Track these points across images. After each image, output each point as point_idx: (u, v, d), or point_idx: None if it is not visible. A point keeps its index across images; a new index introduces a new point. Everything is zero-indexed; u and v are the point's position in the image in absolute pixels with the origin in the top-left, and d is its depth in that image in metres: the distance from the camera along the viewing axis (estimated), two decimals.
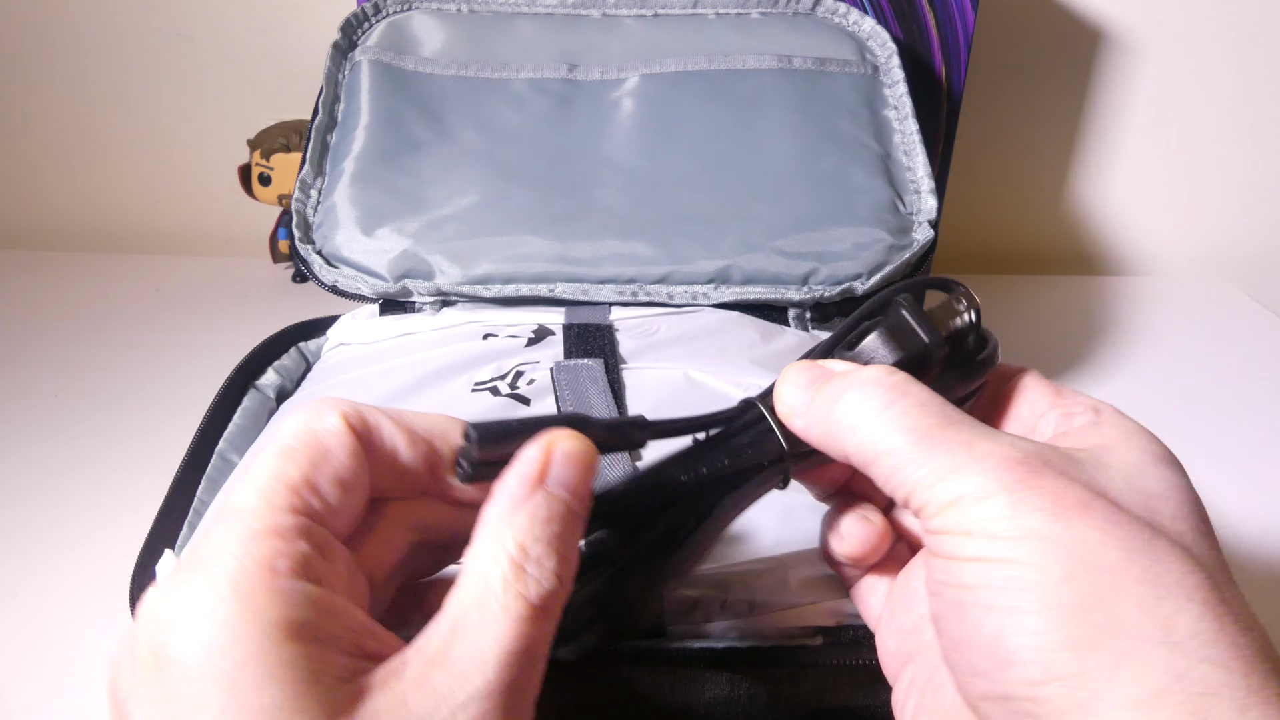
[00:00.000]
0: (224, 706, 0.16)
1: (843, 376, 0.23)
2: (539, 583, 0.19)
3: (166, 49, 0.80)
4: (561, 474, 0.20)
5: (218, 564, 0.17)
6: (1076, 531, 0.19)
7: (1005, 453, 0.20)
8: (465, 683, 0.17)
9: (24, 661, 0.42)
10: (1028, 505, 0.19)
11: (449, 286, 0.47)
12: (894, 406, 0.22)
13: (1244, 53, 0.80)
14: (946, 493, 0.20)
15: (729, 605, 0.29)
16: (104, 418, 0.59)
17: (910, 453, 0.21)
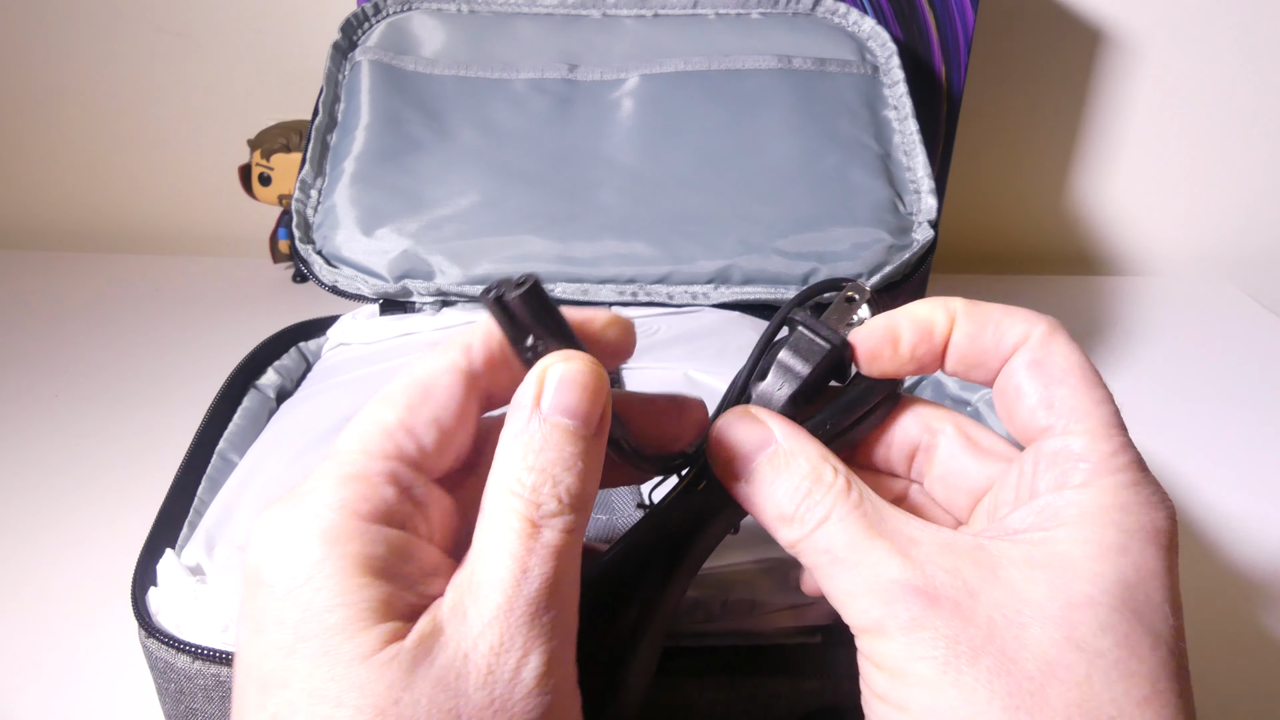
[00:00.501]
0: (298, 621, 0.18)
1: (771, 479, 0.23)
2: (539, 506, 0.19)
3: (166, 49, 0.80)
4: (559, 400, 0.20)
5: (310, 500, 0.20)
6: (962, 689, 0.19)
7: (910, 581, 0.20)
8: (488, 603, 0.19)
9: (25, 661, 0.42)
10: (922, 650, 0.20)
11: (449, 286, 0.47)
12: (814, 529, 0.22)
13: (1244, 53, 0.80)
14: (861, 616, 0.21)
15: (730, 605, 0.29)
16: (104, 418, 0.59)
17: (831, 571, 0.21)
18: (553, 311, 0.21)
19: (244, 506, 0.34)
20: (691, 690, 0.29)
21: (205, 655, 0.29)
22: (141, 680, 0.33)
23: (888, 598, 0.20)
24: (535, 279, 0.21)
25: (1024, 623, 0.19)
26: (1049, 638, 0.19)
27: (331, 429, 0.38)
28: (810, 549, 0.22)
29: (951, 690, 0.19)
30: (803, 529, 0.22)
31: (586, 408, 0.20)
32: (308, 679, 0.18)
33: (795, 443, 0.23)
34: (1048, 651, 0.19)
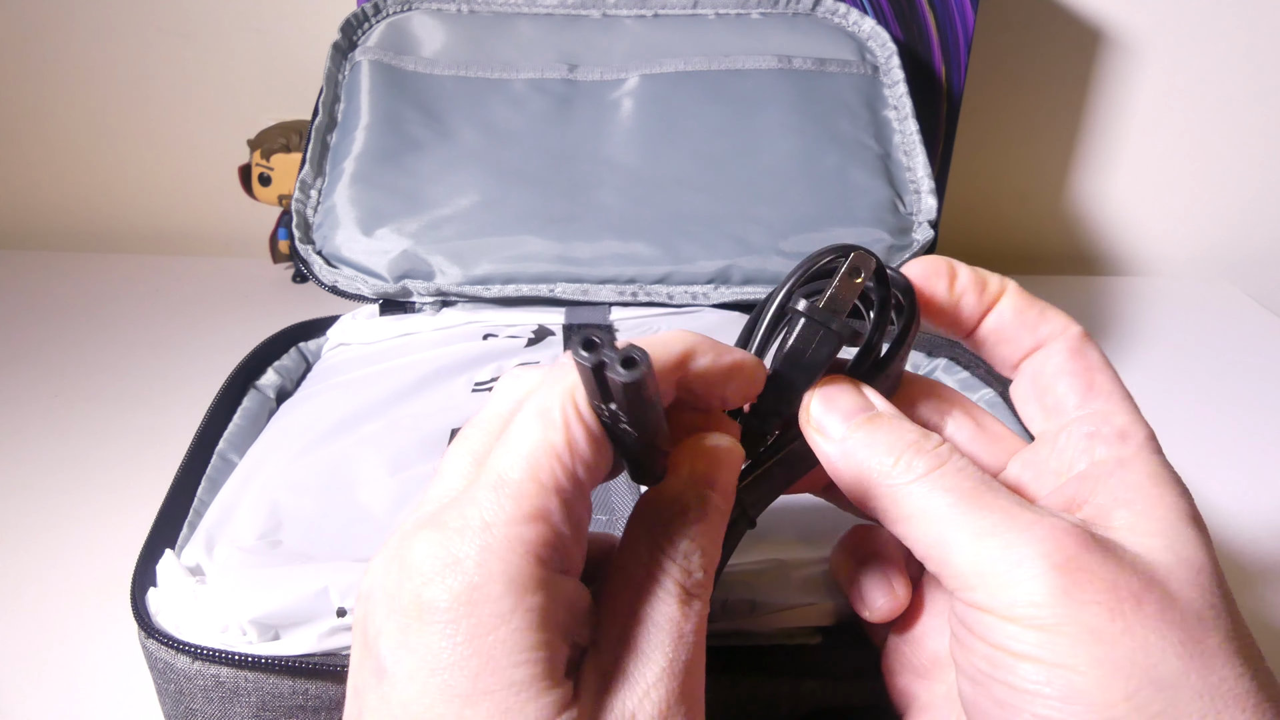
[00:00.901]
0: (479, 672, 0.18)
1: (886, 429, 0.22)
2: (697, 571, 0.20)
3: (166, 49, 0.80)
4: (708, 472, 0.21)
5: (488, 537, 0.18)
6: (1136, 636, 0.18)
7: (1050, 522, 0.20)
8: (651, 666, 0.19)
9: (25, 661, 0.42)
10: (1081, 595, 0.19)
11: (449, 286, 0.47)
12: (933, 474, 0.21)
13: (1244, 53, 0.80)
14: (990, 566, 0.19)
15: (730, 605, 0.29)
16: (104, 418, 0.59)
17: (949, 514, 0.20)
18: (646, 408, 0.19)
19: (244, 507, 0.34)
20: None
21: (205, 655, 0.29)
22: (141, 680, 0.33)
23: (1032, 537, 0.19)
24: (640, 374, 0.17)
25: (1164, 579, 0.19)
26: (1190, 593, 0.19)
27: (332, 429, 0.38)
28: (923, 490, 0.21)
29: (1126, 639, 0.18)
30: (917, 469, 0.21)
31: (728, 482, 0.22)
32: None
33: (893, 409, 0.23)
34: (1194, 603, 0.19)
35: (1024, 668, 0.19)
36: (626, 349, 0.18)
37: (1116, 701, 0.18)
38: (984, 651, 0.20)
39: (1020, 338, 0.24)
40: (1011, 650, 0.19)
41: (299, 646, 0.28)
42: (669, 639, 0.19)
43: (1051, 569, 0.19)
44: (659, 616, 0.20)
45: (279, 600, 0.28)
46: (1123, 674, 0.18)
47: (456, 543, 0.18)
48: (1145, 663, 0.18)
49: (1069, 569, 0.19)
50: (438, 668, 0.18)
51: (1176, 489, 0.22)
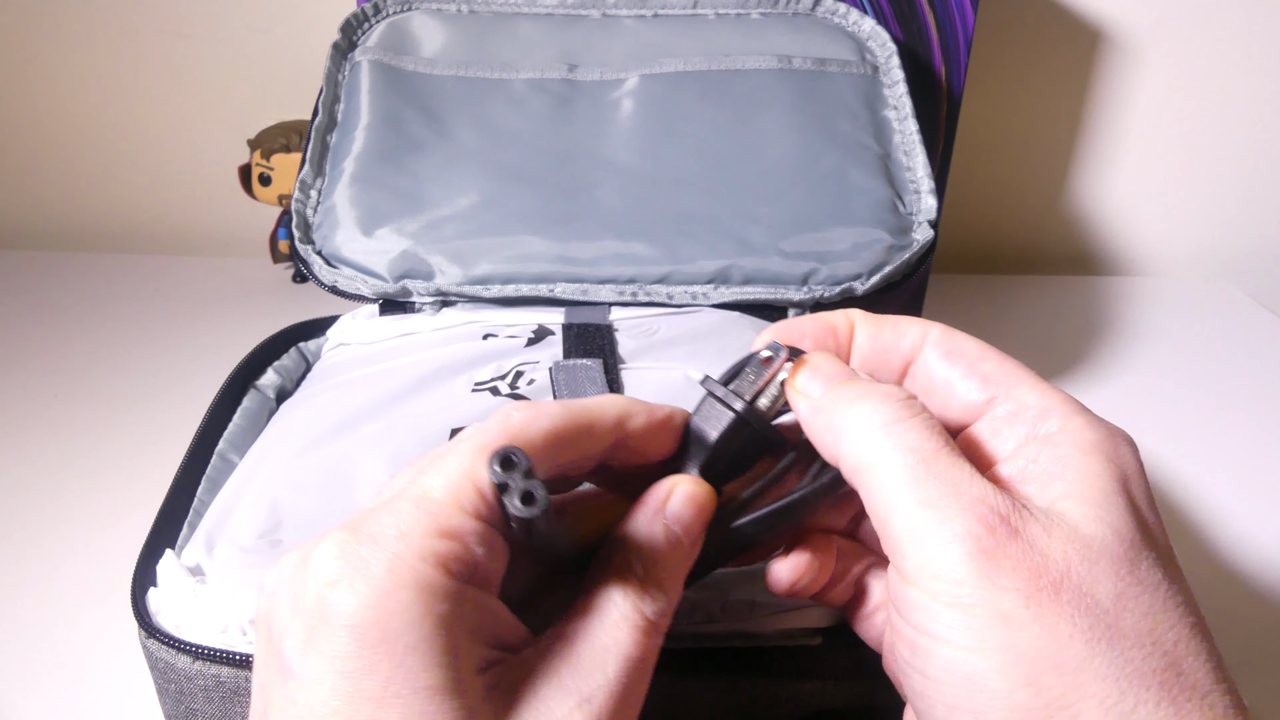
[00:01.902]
0: (389, 676, 0.18)
1: (864, 383, 0.23)
2: (653, 601, 0.21)
3: (166, 49, 0.80)
4: (679, 511, 0.23)
5: (400, 546, 0.19)
6: (1046, 623, 0.19)
7: (992, 502, 0.20)
8: (589, 680, 0.20)
9: (25, 661, 0.42)
10: (1001, 580, 0.19)
11: (449, 286, 0.47)
12: (901, 424, 0.22)
13: (1244, 53, 0.80)
14: (922, 529, 0.20)
15: (730, 607, 0.29)
16: (104, 418, 0.59)
17: (902, 473, 0.21)
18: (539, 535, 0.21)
19: (243, 507, 0.34)
20: (691, 692, 0.29)
21: (205, 655, 0.29)
22: (141, 680, 0.33)
23: (970, 518, 0.20)
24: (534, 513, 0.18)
25: (1094, 559, 0.20)
26: (1116, 573, 0.20)
27: (331, 429, 0.38)
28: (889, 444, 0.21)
29: (1034, 625, 0.19)
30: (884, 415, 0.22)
31: (697, 526, 0.23)
32: None
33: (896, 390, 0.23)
34: (1116, 586, 0.19)
35: (936, 650, 0.19)
36: (528, 486, 0.18)
37: (1017, 688, 0.18)
38: (908, 636, 0.20)
39: (889, 359, 0.25)
40: (929, 632, 0.20)
41: None
42: (614, 661, 0.20)
43: (979, 551, 0.19)
44: (608, 639, 0.20)
45: None
46: (1025, 660, 0.18)
47: (368, 548, 0.19)
48: (1050, 648, 0.18)
49: (994, 554, 0.19)
50: (347, 671, 0.18)
51: (1104, 453, 0.22)
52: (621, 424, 0.24)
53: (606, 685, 0.20)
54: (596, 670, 0.20)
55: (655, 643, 0.21)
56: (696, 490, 0.23)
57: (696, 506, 0.23)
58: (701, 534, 0.23)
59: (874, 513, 0.21)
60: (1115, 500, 0.21)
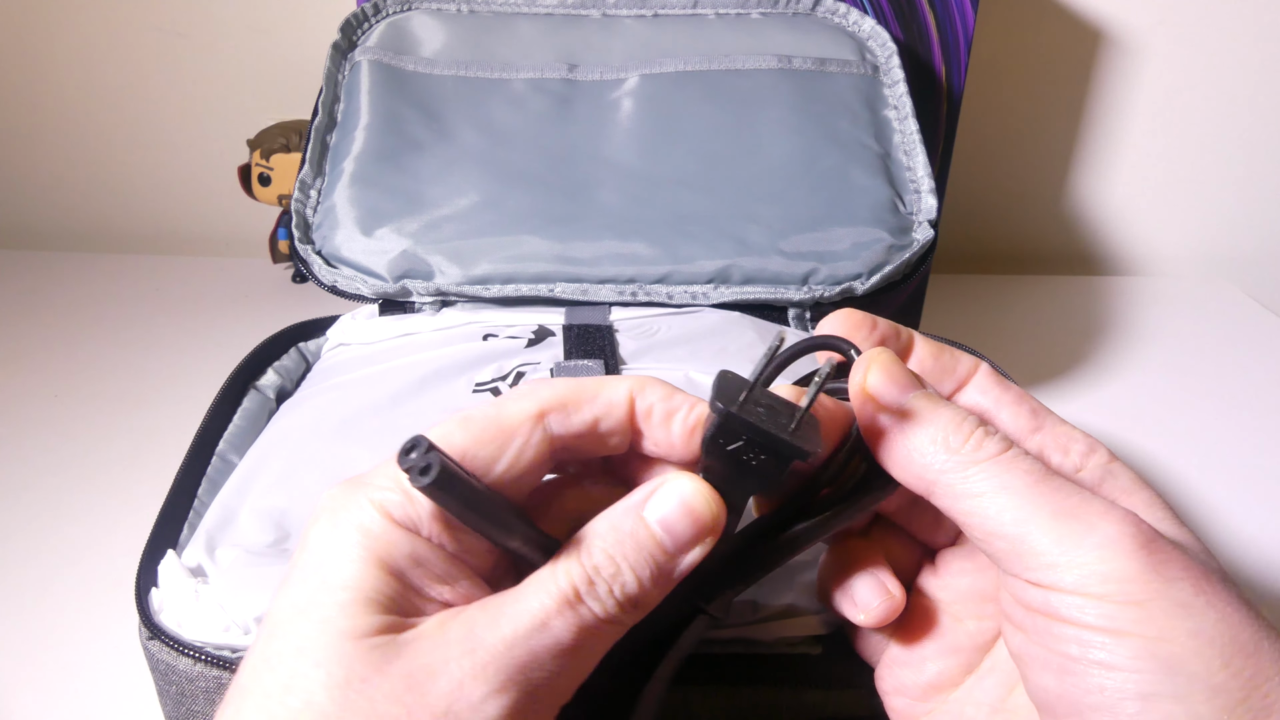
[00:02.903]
0: (315, 589, 0.20)
1: (944, 400, 0.23)
2: (591, 584, 0.21)
3: (166, 49, 0.80)
4: (666, 513, 0.21)
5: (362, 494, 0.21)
6: (1217, 608, 0.19)
7: (1122, 513, 0.20)
8: (497, 632, 0.20)
9: (25, 662, 0.42)
10: (1169, 571, 0.19)
11: (449, 286, 0.47)
12: (1008, 451, 0.22)
13: (1244, 53, 0.80)
14: (1072, 538, 0.20)
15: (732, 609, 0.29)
16: (104, 418, 0.59)
17: (1030, 492, 0.21)
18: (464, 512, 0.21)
19: (244, 507, 0.34)
20: (692, 700, 0.29)
21: (206, 658, 0.29)
22: (142, 681, 0.33)
23: (1114, 518, 0.20)
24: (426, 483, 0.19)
25: (1204, 564, 0.20)
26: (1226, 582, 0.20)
27: (331, 429, 0.38)
28: (999, 470, 0.21)
29: (1211, 612, 0.19)
30: (990, 449, 0.21)
31: (684, 533, 0.21)
32: (303, 637, 0.20)
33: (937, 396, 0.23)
34: (1233, 588, 0.20)
35: (1120, 646, 0.19)
36: (425, 460, 0.20)
37: (1216, 670, 0.19)
38: (1072, 634, 0.20)
39: (944, 381, 0.25)
40: (1105, 628, 0.19)
41: None
42: (528, 620, 0.20)
43: (1139, 548, 0.19)
44: (534, 597, 0.20)
45: None
46: (1216, 644, 0.19)
47: (340, 492, 0.22)
48: (1230, 632, 0.19)
49: (1154, 548, 0.20)
50: (292, 583, 0.21)
51: (1155, 494, 0.23)
52: (632, 401, 0.23)
53: (500, 643, 0.20)
54: (503, 625, 0.20)
55: (584, 635, 0.20)
56: (698, 493, 0.22)
57: (690, 515, 0.21)
58: (695, 545, 0.22)
59: (999, 535, 0.21)
60: (1181, 529, 0.22)
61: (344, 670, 0.19)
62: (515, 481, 0.22)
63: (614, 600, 0.21)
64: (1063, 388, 0.64)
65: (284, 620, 0.20)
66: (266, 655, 0.20)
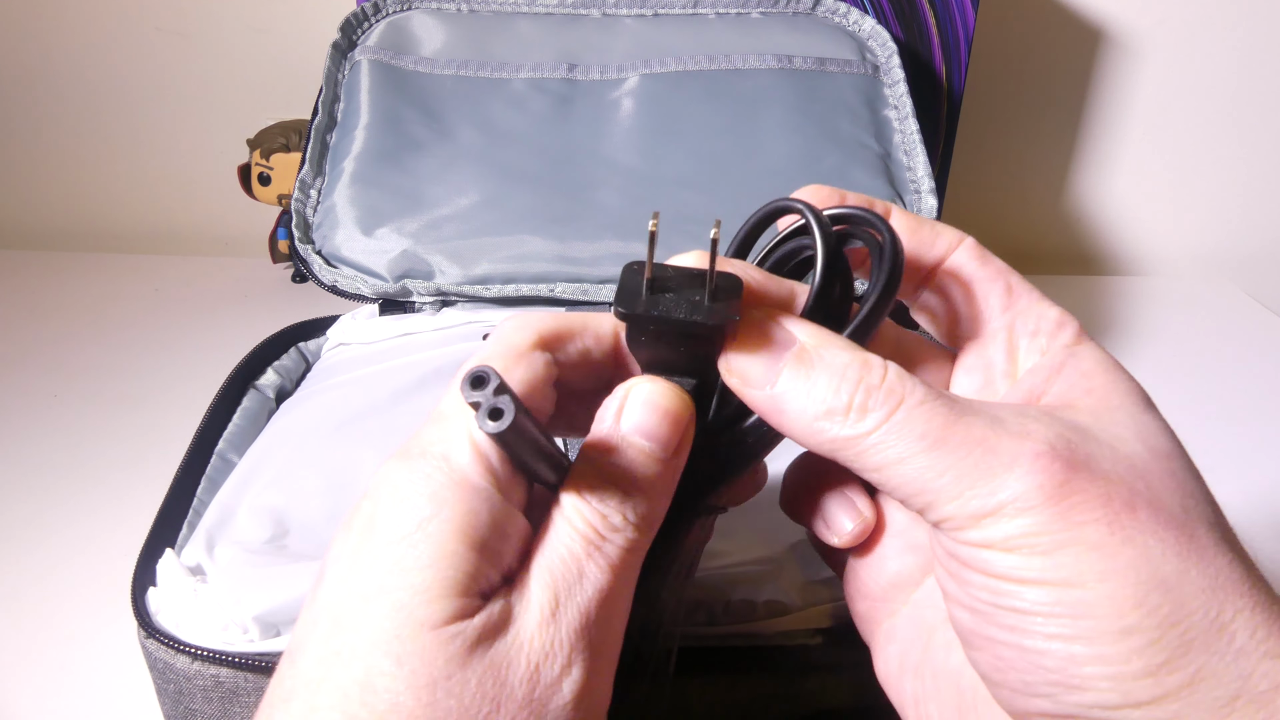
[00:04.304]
0: (387, 572, 0.19)
1: (820, 357, 0.21)
2: (605, 518, 0.20)
3: (166, 49, 0.80)
4: (639, 420, 0.21)
5: (429, 458, 0.20)
6: (1136, 545, 0.18)
7: (1031, 448, 0.19)
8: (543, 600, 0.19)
9: (24, 662, 0.41)
10: (1079, 515, 0.19)
11: (449, 286, 0.47)
12: (897, 410, 0.20)
13: (1244, 53, 0.80)
14: (981, 504, 0.19)
15: (731, 606, 0.29)
16: (104, 418, 0.59)
17: (925, 460, 0.19)
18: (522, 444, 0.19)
19: (244, 508, 0.34)
20: (691, 691, 0.29)
21: (204, 656, 0.29)
22: (141, 680, 0.33)
23: (1019, 470, 0.19)
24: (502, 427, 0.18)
25: (1144, 474, 0.20)
26: (1169, 485, 0.20)
27: (331, 429, 0.38)
28: (891, 439, 0.20)
29: (1127, 548, 0.18)
30: (876, 417, 0.20)
31: (665, 433, 0.21)
32: (377, 628, 0.18)
33: (822, 337, 0.21)
34: (1175, 495, 0.20)
35: (1030, 592, 0.19)
36: (496, 402, 0.18)
37: (1127, 610, 0.18)
38: (984, 582, 0.19)
39: (921, 255, 0.24)
40: (1015, 578, 0.19)
41: None
42: (564, 577, 0.19)
43: (1046, 500, 0.19)
44: (560, 553, 0.20)
45: (281, 597, 0.28)
46: (1129, 582, 0.18)
47: (397, 466, 0.20)
48: (1148, 568, 0.18)
49: (1063, 494, 0.19)
50: (357, 568, 0.19)
51: (1124, 374, 0.22)
52: (618, 333, 0.23)
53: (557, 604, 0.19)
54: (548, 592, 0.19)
55: (622, 556, 0.20)
56: (660, 390, 0.21)
57: (662, 411, 0.21)
58: (681, 443, 0.21)
59: (908, 502, 0.20)
60: (1145, 419, 0.21)
61: (428, 668, 0.18)
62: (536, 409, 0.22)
63: (631, 525, 0.20)
64: None
65: (352, 608, 0.19)
66: (337, 648, 0.19)
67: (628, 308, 0.20)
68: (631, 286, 0.21)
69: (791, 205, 0.23)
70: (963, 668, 0.22)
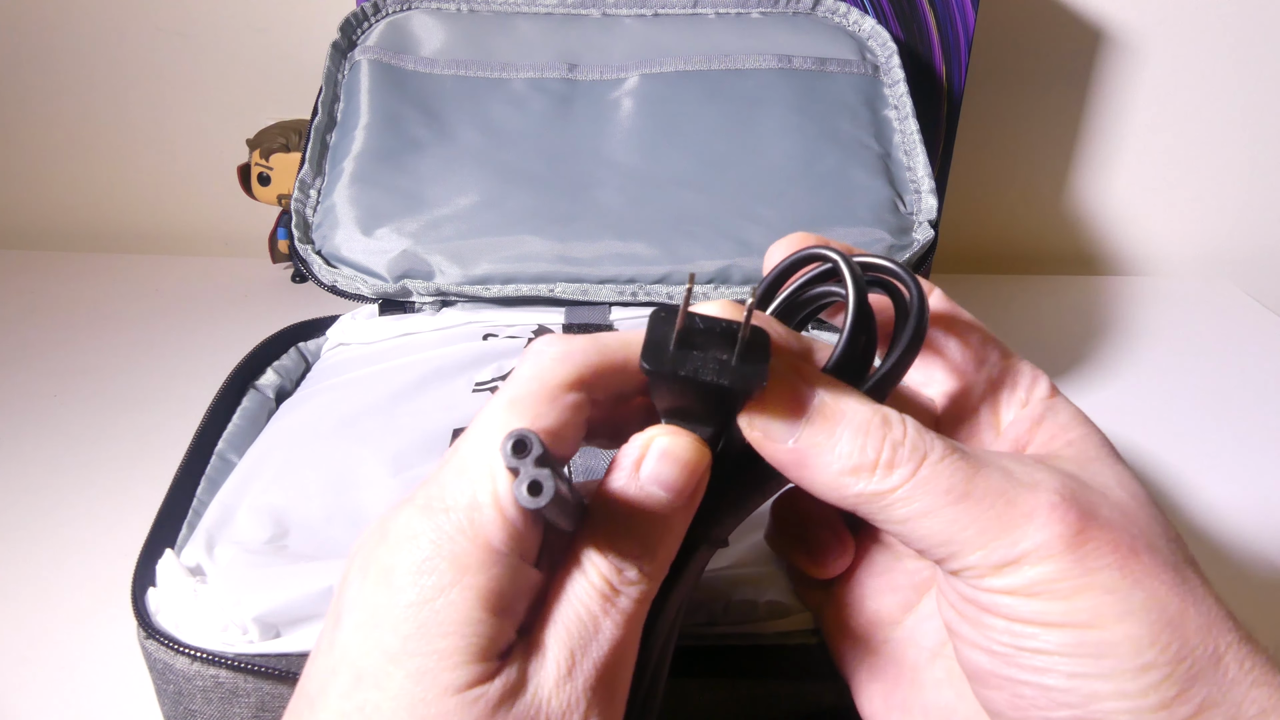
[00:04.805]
0: (410, 635, 0.19)
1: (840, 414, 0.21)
2: (621, 571, 0.20)
3: (166, 49, 0.80)
4: (658, 471, 0.21)
5: (444, 518, 0.20)
6: (1145, 587, 0.20)
7: (1046, 499, 0.20)
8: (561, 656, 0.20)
9: (24, 662, 0.41)
10: (1094, 561, 0.20)
11: (449, 286, 0.47)
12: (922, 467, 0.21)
13: (1244, 53, 0.80)
14: (1005, 553, 0.20)
15: (731, 607, 0.29)
16: (104, 418, 0.59)
17: (951, 514, 0.20)
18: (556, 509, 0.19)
19: (244, 508, 0.34)
20: (691, 692, 0.29)
21: (204, 658, 0.29)
22: (141, 680, 0.33)
23: (1039, 521, 0.20)
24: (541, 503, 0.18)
25: (1136, 518, 0.21)
26: (1155, 530, 0.21)
27: (331, 429, 0.38)
28: (918, 494, 0.20)
29: (1138, 591, 0.20)
30: (902, 473, 0.21)
31: (682, 483, 0.21)
32: (401, 690, 0.19)
33: (840, 394, 0.21)
34: (1160, 539, 0.21)
35: (1051, 634, 0.20)
36: (536, 475, 0.18)
37: (1144, 648, 0.19)
38: (1005, 626, 0.20)
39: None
40: (1037, 621, 0.20)
41: (300, 644, 0.28)
42: (580, 632, 0.20)
43: (1065, 548, 0.20)
44: (577, 607, 0.20)
45: (281, 598, 0.28)
46: (1144, 622, 0.19)
47: (420, 520, 0.20)
48: (1157, 608, 0.20)
49: (1079, 541, 0.20)
50: (379, 624, 0.19)
51: (1095, 426, 0.23)
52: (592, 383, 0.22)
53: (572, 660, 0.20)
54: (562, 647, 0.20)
55: (633, 609, 0.20)
56: (680, 443, 0.21)
57: (681, 463, 0.21)
58: (695, 492, 0.21)
59: (929, 553, 0.21)
60: (1120, 468, 0.22)
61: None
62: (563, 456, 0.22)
63: (645, 577, 0.21)
64: (1063, 387, 0.64)
65: (374, 666, 0.19)
66: (360, 704, 0.19)
67: (654, 365, 0.20)
68: (659, 339, 0.20)
69: (822, 254, 0.23)
70: (956, 704, 0.23)
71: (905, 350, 0.22)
